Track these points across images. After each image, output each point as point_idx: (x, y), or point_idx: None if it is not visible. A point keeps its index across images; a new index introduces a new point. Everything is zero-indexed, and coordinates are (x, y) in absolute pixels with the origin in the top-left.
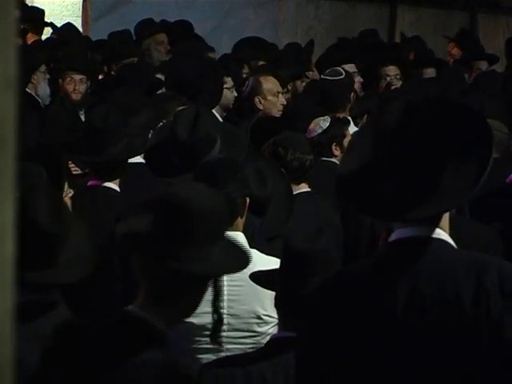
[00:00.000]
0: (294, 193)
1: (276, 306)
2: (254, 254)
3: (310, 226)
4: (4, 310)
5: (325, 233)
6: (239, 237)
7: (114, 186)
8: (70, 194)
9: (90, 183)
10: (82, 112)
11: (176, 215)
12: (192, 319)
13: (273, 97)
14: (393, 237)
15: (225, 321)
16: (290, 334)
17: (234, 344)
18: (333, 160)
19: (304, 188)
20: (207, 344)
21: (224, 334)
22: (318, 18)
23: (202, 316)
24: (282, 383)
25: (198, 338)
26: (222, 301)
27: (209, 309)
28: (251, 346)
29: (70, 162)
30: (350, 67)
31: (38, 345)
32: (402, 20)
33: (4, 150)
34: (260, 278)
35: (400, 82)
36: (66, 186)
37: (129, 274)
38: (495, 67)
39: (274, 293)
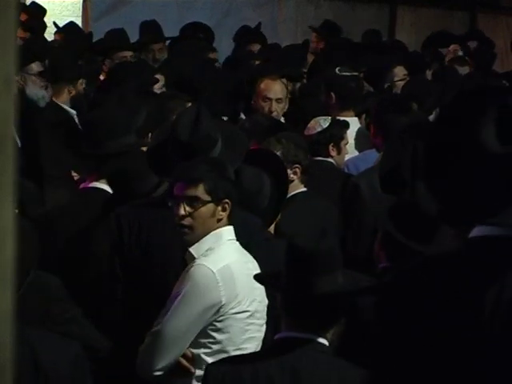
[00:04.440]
0: (292, 193)
1: (281, 306)
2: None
3: (312, 226)
4: (4, 311)
5: (329, 233)
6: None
7: (106, 187)
8: None
9: (83, 185)
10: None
11: None
12: (250, 307)
13: (262, 101)
14: (475, 233)
15: (258, 308)
16: (294, 333)
17: (260, 332)
18: (329, 160)
19: (300, 188)
20: (253, 332)
21: (257, 321)
22: (318, 18)
23: (252, 304)
24: (288, 382)
25: (250, 327)
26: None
27: (254, 297)
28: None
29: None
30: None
31: None
32: (402, 20)
33: (4, 151)
34: (264, 278)
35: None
36: None
37: (129, 275)
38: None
39: None
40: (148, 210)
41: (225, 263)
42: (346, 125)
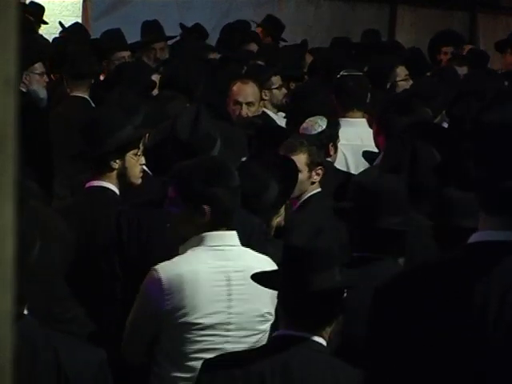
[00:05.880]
0: (308, 194)
1: (279, 304)
2: (247, 252)
3: (311, 225)
4: (4, 312)
5: (324, 231)
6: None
7: (111, 186)
8: None
9: (87, 184)
10: None
11: None
12: (201, 320)
13: (233, 105)
14: (474, 239)
15: (232, 320)
16: (291, 332)
17: (239, 343)
18: (328, 160)
19: (317, 189)
20: (214, 344)
21: (230, 333)
22: (318, 17)
23: (211, 316)
24: (279, 380)
25: (205, 339)
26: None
27: (216, 309)
28: (253, 344)
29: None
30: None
31: None
32: (402, 20)
33: (4, 151)
34: (261, 278)
35: (410, 82)
36: None
37: (129, 274)
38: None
39: (273, 290)
40: (148, 209)
41: (180, 271)
42: (338, 123)
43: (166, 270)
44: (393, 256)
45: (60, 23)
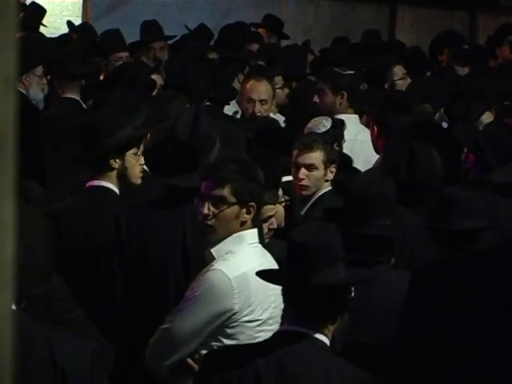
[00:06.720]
0: (320, 193)
1: (283, 299)
2: (263, 249)
3: (316, 222)
4: (4, 311)
5: (326, 228)
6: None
7: (111, 185)
8: None
9: (87, 184)
10: None
11: None
12: (261, 316)
13: (246, 102)
14: None
15: (273, 314)
16: (293, 327)
17: None
18: None
19: (328, 187)
20: (261, 339)
21: (270, 327)
22: (318, 17)
23: (265, 312)
24: (274, 375)
25: (259, 335)
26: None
27: (267, 305)
28: None
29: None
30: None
31: None
32: (402, 20)
33: (4, 151)
34: (267, 274)
35: (409, 81)
36: None
37: (128, 274)
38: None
39: None
40: (148, 209)
41: (243, 270)
42: (343, 123)
43: (231, 269)
44: (385, 258)
45: (68, 22)
